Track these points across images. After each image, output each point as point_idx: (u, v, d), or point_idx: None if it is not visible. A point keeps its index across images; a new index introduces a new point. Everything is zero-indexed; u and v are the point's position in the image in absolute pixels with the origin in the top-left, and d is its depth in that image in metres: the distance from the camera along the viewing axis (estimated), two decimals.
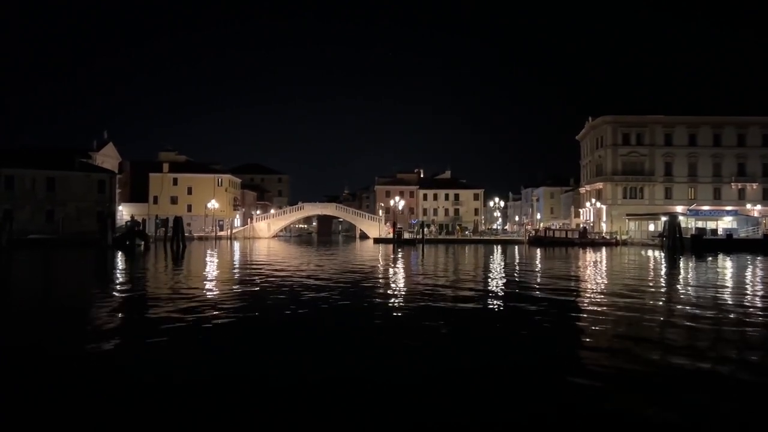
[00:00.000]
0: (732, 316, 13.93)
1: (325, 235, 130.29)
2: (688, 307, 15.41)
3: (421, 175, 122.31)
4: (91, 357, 9.41)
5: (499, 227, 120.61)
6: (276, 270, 28.31)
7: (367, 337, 11.36)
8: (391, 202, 77.84)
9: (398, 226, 70.95)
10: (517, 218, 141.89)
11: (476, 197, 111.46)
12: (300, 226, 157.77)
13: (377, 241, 72.83)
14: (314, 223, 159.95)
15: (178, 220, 48.10)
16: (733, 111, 75.56)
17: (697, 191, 74.24)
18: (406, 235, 71.12)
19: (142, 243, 51.54)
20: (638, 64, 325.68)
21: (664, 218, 58.69)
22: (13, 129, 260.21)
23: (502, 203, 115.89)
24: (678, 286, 22.08)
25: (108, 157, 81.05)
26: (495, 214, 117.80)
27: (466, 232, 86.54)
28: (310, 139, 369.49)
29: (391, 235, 70.46)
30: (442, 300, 16.53)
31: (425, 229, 66.33)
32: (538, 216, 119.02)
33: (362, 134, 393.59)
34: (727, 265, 33.63)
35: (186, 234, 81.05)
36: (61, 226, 53.50)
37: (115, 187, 66.90)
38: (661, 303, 16.35)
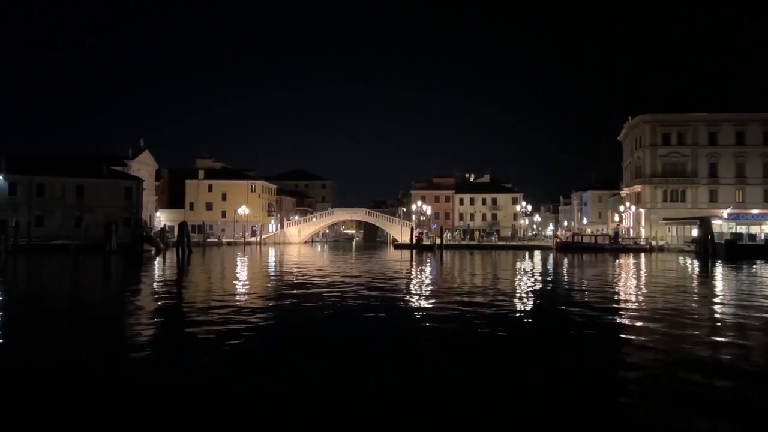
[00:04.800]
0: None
1: (370, 240, 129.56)
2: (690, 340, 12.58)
3: (470, 179, 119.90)
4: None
5: (551, 232, 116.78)
6: (252, 277, 27.79)
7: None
8: (414, 207, 76.44)
9: (421, 231, 69.61)
10: (566, 223, 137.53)
11: (515, 201, 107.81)
12: (346, 231, 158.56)
13: (398, 246, 71.86)
14: (362, 230, 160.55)
15: (182, 226, 48.38)
16: None
17: (745, 194, 68.80)
18: (427, 241, 69.64)
19: (152, 249, 52.31)
20: (680, 61, 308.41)
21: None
22: (51, 137, 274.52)
23: (529, 207, 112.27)
24: (693, 305, 18.47)
25: (144, 165, 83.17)
26: (536, 218, 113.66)
27: (492, 238, 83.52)
28: (363, 145, 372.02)
29: (415, 241, 69.26)
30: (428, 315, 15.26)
31: (447, 235, 64.54)
32: (585, 221, 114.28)
33: (417, 139, 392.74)
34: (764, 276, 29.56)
35: (216, 239, 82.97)
36: (83, 232, 55.06)
37: (141, 193, 68.51)
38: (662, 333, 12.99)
